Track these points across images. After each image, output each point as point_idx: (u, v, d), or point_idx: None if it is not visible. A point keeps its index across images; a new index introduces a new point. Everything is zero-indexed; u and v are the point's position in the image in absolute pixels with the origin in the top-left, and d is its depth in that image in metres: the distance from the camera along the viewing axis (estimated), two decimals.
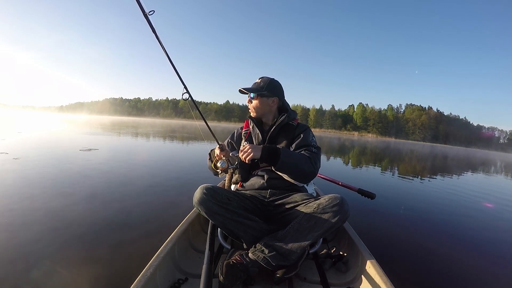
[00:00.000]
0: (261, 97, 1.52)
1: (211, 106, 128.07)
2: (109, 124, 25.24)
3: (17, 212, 2.22)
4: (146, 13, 1.10)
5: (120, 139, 10.36)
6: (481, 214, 3.79)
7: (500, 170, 13.26)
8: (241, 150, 1.31)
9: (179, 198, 3.02)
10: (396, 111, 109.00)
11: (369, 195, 1.96)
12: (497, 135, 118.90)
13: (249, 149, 1.27)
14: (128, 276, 1.24)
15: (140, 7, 1.08)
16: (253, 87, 1.55)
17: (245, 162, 1.29)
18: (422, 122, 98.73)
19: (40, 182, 3.20)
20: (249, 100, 1.56)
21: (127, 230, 2.06)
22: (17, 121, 20.13)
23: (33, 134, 9.58)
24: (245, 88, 1.54)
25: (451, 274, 1.88)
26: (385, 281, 1.12)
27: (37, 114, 61.37)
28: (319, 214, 1.23)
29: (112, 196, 2.91)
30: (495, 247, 2.54)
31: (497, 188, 6.81)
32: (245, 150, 1.28)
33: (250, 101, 1.55)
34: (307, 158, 1.37)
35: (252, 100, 1.54)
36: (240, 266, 1.17)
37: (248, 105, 1.58)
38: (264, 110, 1.55)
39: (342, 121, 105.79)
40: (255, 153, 1.26)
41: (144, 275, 1.04)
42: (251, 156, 1.26)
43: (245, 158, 1.27)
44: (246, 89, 1.54)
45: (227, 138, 1.72)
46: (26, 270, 1.47)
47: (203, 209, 1.25)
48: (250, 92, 1.53)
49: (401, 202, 3.93)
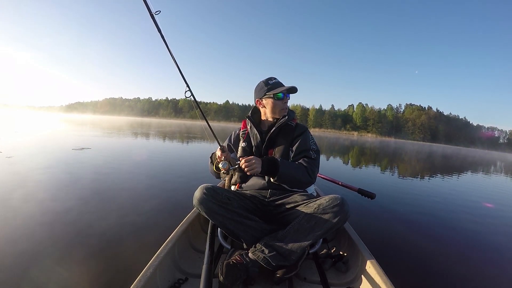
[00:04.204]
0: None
1: (211, 106, 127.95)
2: (123, 124, 25.20)
3: (17, 212, 2.22)
4: (152, 13, 1.12)
5: (126, 139, 10.35)
6: (481, 214, 3.79)
7: (500, 170, 13.27)
8: (244, 160, 1.31)
9: (179, 198, 3.02)
10: (396, 111, 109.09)
11: (369, 195, 1.96)
12: (497, 135, 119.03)
13: (253, 164, 1.30)
14: (128, 276, 1.24)
15: (147, 7, 1.10)
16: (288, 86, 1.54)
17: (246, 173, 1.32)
18: (422, 122, 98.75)
19: (39, 181, 3.20)
20: (286, 100, 1.55)
21: (127, 230, 2.06)
22: (17, 121, 20.13)
23: (30, 134, 9.59)
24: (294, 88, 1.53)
25: (451, 274, 1.88)
26: (385, 281, 1.12)
27: (36, 114, 61.32)
28: (319, 215, 1.23)
29: (112, 196, 2.90)
30: (495, 247, 2.54)
31: (497, 188, 6.82)
32: (248, 163, 1.30)
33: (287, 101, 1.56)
34: (304, 169, 1.40)
35: (287, 100, 1.56)
36: (240, 266, 1.17)
37: (285, 105, 1.55)
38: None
39: (342, 121, 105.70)
40: (257, 169, 1.30)
41: (144, 275, 1.04)
42: (254, 171, 1.30)
43: (247, 171, 1.30)
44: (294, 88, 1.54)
45: (225, 141, 1.70)
46: (24, 270, 1.46)
47: (203, 209, 1.25)
48: (294, 92, 1.56)
49: (401, 202, 3.93)
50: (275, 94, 1.50)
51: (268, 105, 1.55)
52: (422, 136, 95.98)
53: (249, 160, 1.30)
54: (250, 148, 1.56)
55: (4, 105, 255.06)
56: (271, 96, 1.52)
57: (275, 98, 1.51)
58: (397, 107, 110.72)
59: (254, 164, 1.30)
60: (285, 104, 1.54)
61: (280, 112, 1.55)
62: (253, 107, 1.66)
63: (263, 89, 1.54)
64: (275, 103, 1.53)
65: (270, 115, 1.57)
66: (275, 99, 1.52)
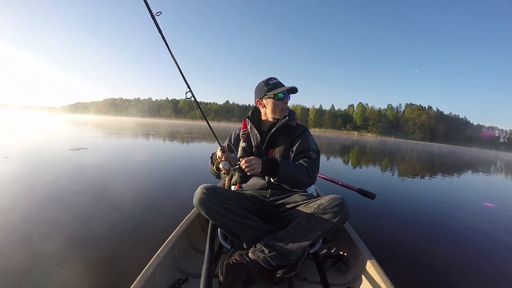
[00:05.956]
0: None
1: (211, 106, 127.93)
2: (126, 125, 25.20)
3: (17, 210, 2.23)
4: (153, 14, 1.13)
5: (126, 139, 10.35)
6: (481, 213, 3.79)
7: (500, 169, 13.26)
8: (244, 161, 1.32)
9: (179, 198, 3.02)
10: (396, 110, 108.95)
11: (369, 195, 1.97)
12: (497, 135, 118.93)
13: (253, 164, 1.30)
14: (128, 276, 1.24)
15: (148, 8, 1.11)
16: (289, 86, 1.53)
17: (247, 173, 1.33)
18: (422, 122, 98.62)
19: (39, 181, 3.20)
20: (287, 100, 1.55)
21: (127, 230, 2.06)
22: (16, 121, 20.14)
23: (29, 134, 9.59)
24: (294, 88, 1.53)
25: (451, 274, 1.88)
26: (385, 281, 1.12)
27: (36, 114, 61.38)
28: (319, 215, 1.23)
29: (111, 196, 2.90)
30: (495, 246, 2.53)
31: (497, 188, 6.81)
32: (249, 164, 1.30)
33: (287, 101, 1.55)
34: (304, 169, 1.40)
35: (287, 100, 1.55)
36: (240, 266, 1.17)
37: (285, 105, 1.54)
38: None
39: (342, 121, 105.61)
40: (257, 169, 1.31)
41: (144, 275, 1.05)
42: (254, 172, 1.31)
43: (247, 172, 1.31)
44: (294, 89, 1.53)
45: (226, 141, 1.71)
46: (25, 270, 1.47)
47: (203, 209, 1.25)
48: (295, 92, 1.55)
49: (401, 202, 3.93)
50: (276, 94, 1.50)
51: (269, 105, 1.54)
52: (422, 136, 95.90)
53: (249, 161, 1.31)
54: (250, 148, 1.56)
55: (4, 106, 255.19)
56: (272, 96, 1.51)
57: (275, 99, 1.51)
58: (397, 107, 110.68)
59: (254, 164, 1.30)
60: (285, 104, 1.54)
61: (281, 112, 1.55)
62: (253, 107, 1.66)
63: (263, 89, 1.54)
64: (276, 103, 1.52)
65: (270, 115, 1.57)
66: (275, 99, 1.51)
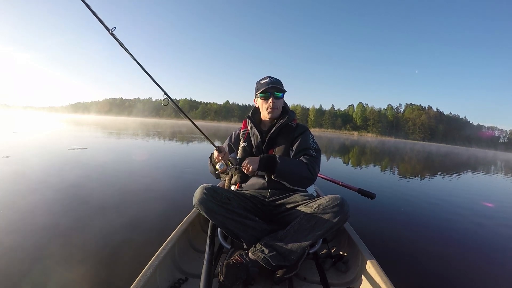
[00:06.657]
0: (283, 97, 1.55)
1: (211, 106, 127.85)
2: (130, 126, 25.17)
3: (15, 210, 2.22)
4: (110, 31, 1.18)
5: (126, 139, 10.35)
6: (481, 213, 3.79)
7: (500, 169, 13.26)
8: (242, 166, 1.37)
9: (179, 198, 3.02)
10: (396, 110, 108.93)
11: (369, 195, 1.97)
12: (497, 135, 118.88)
13: (247, 165, 1.35)
14: (128, 276, 1.24)
15: (104, 25, 1.17)
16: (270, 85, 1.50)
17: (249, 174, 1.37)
18: (422, 122, 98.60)
19: (38, 181, 3.21)
20: (274, 99, 1.49)
21: (127, 230, 2.06)
22: (16, 121, 20.16)
23: (29, 134, 9.60)
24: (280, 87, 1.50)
25: (451, 274, 1.88)
26: (385, 281, 1.12)
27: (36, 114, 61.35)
28: (319, 215, 1.23)
29: (111, 196, 2.90)
30: (495, 246, 2.54)
31: (497, 188, 6.81)
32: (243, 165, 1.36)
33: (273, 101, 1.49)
34: (305, 165, 1.39)
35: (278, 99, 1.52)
36: (240, 266, 1.17)
37: (269, 104, 1.49)
38: (280, 110, 1.57)
39: (342, 121, 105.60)
40: (253, 166, 1.34)
41: (144, 275, 1.04)
42: (250, 170, 1.34)
43: (246, 172, 1.36)
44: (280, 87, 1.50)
45: (226, 140, 1.71)
46: (25, 270, 1.46)
47: (203, 209, 1.25)
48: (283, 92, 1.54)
49: (401, 202, 3.92)
50: (261, 93, 1.52)
51: (259, 104, 1.58)
52: (422, 136, 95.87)
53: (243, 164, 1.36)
54: (251, 148, 1.56)
55: (5, 106, 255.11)
56: (259, 96, 1.54)
57: (262, 98, 1.53)
58: (397, 107, 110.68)
59: (248, 164, 1.34)
60: (270, 103, 1.49)
61: (270, 112, 1.52)
62: (254, 107, 1.67)
63: (255, 89, 1.59)
64: (262, 103, 1.54)
65: (263, 114, 1.59)
66: (262, 99, 1.53)
